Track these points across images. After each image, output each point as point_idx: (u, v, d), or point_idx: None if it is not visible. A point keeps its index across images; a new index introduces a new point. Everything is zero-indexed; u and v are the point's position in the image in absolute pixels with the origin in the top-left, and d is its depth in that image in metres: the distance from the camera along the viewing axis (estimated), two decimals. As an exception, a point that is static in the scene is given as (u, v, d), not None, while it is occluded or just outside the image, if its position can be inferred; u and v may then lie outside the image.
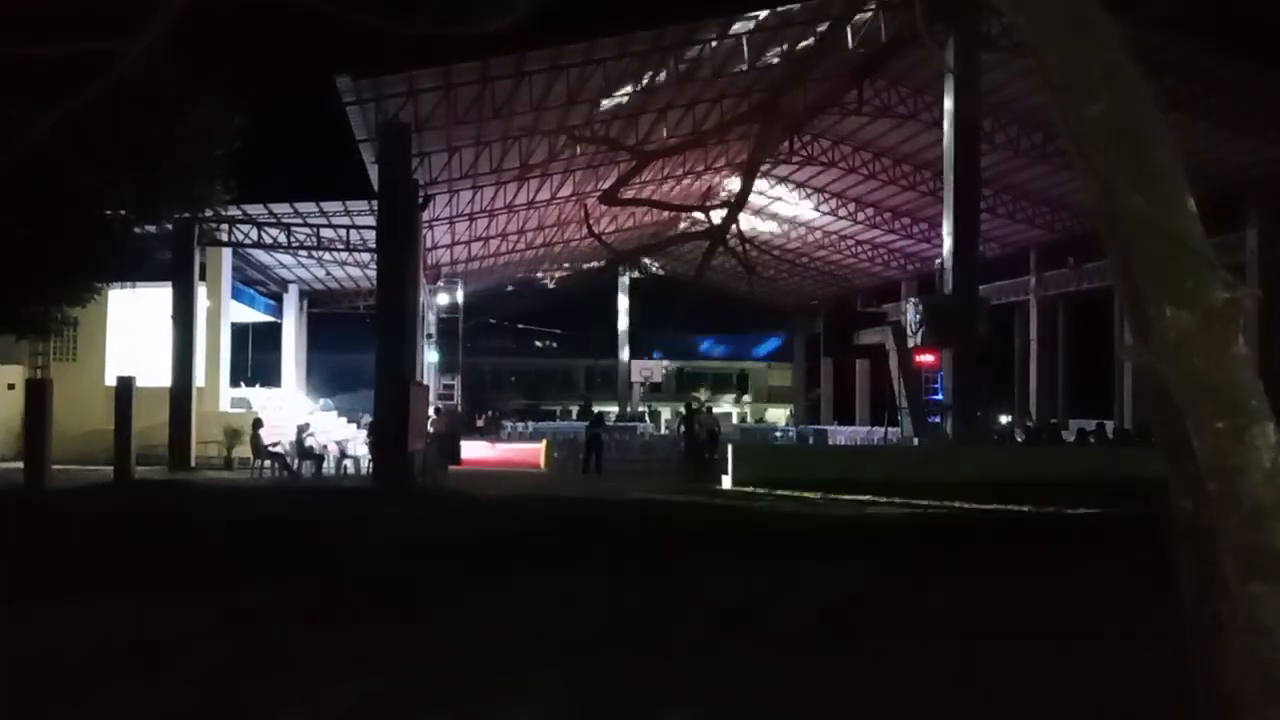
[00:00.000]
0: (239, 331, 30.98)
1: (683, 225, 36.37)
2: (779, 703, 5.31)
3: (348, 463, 23.45)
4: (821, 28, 21.41)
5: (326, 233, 27.14)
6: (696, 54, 21.92)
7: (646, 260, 46.61)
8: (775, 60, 22.84)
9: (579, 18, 18.52)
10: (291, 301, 36.85)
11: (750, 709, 5.21)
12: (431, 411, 25.18)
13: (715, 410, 35.64)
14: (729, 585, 8.63)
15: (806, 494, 16.58)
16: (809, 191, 36.46)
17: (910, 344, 23.42)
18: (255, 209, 25.85)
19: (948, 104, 22.48)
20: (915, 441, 23.67)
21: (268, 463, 21.68)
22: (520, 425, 44.40)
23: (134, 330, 26.42)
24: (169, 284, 23.85)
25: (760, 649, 6.36)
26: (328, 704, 5.20)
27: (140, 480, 19.58)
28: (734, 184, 33.13)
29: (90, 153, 9.41)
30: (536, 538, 12.06)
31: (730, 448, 21.34)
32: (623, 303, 51.31)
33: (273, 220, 26.65)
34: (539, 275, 45.83)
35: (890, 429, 27.97)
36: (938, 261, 27.00)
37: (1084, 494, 15.40)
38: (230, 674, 5.81)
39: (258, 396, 30.52)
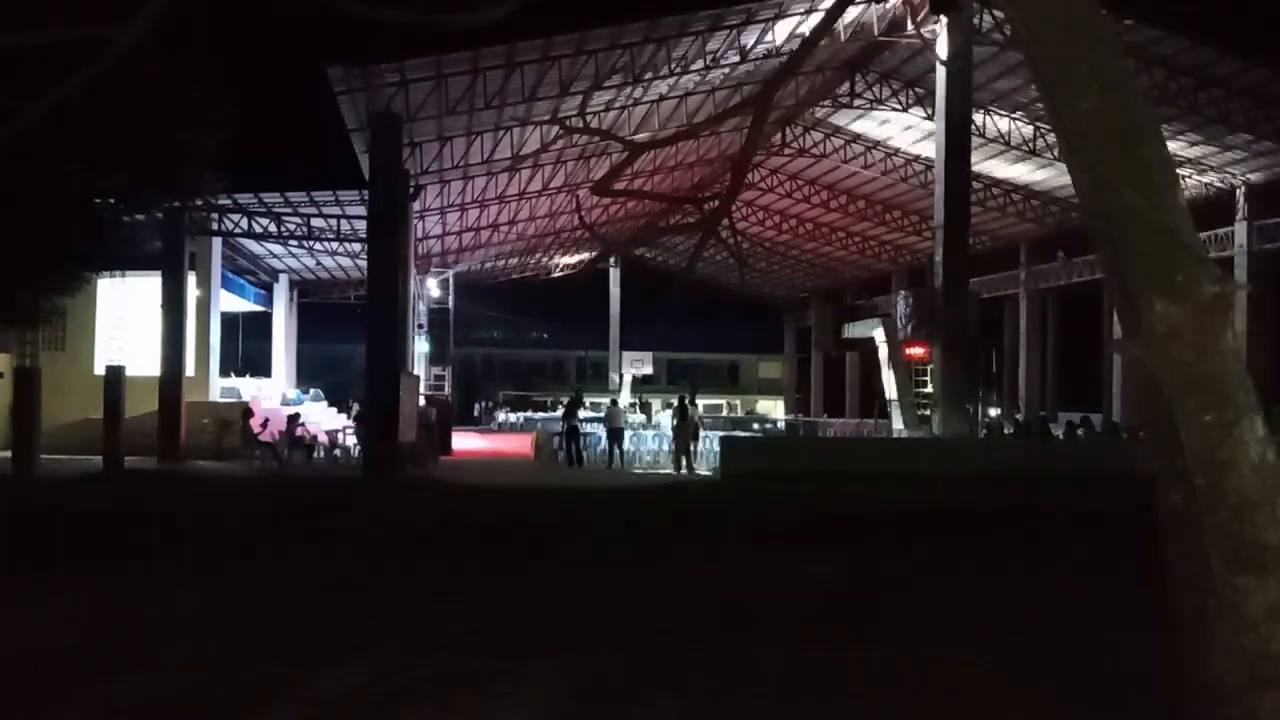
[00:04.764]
0: (229, 321, 30.85)
1: (675, 217, 36.34)
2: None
3: (338, 452, 23.43)
4: (814, 20, 21.39)
5: (317, 222, 27.03)
6: (689, 45, 21.86)
7: (638, 251, 46.57)
8: (767, 52, 22.81)
9: (571, 8, 18.51)
10: (282, 291, 36.74)
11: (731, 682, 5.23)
12: (422, 401, 25.17)
13: (704, 403, 35.62)
14: (712, 574, 8.66)
15: (793, 485, 16.60)
16: (801, 183, 36.49)
17: (900, 337, 23.46)
18: (245, 198, 25.72)
19: (940, 97, 22.49)
20: (904, 434, 23.70)
21: (257, 452, 21.65)
22: (512, 416, 44.44)
23: (123, 319, 26.31)
24: (159, 273, 23.74)
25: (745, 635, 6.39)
26: (318, 692, 5.20)
27: (130, 469, 19.54)
28: (726, 176, 33.10)
29: (80, 141, 9.38)
30: (525, 527, 12.07)
31: (719, 440, 21.37)
32: (614, 294, 51.33)
33: (263, 210, 26.53)
34: (530, 266, 45.77)
35: (879, 421, 28.00)
36: (928, 254, 27.06)
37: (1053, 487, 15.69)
38: (221, 661, 5.81)
39: (248, 386, 30.44)
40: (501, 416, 45.32)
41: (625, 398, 44.63)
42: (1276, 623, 2.49)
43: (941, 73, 22.06)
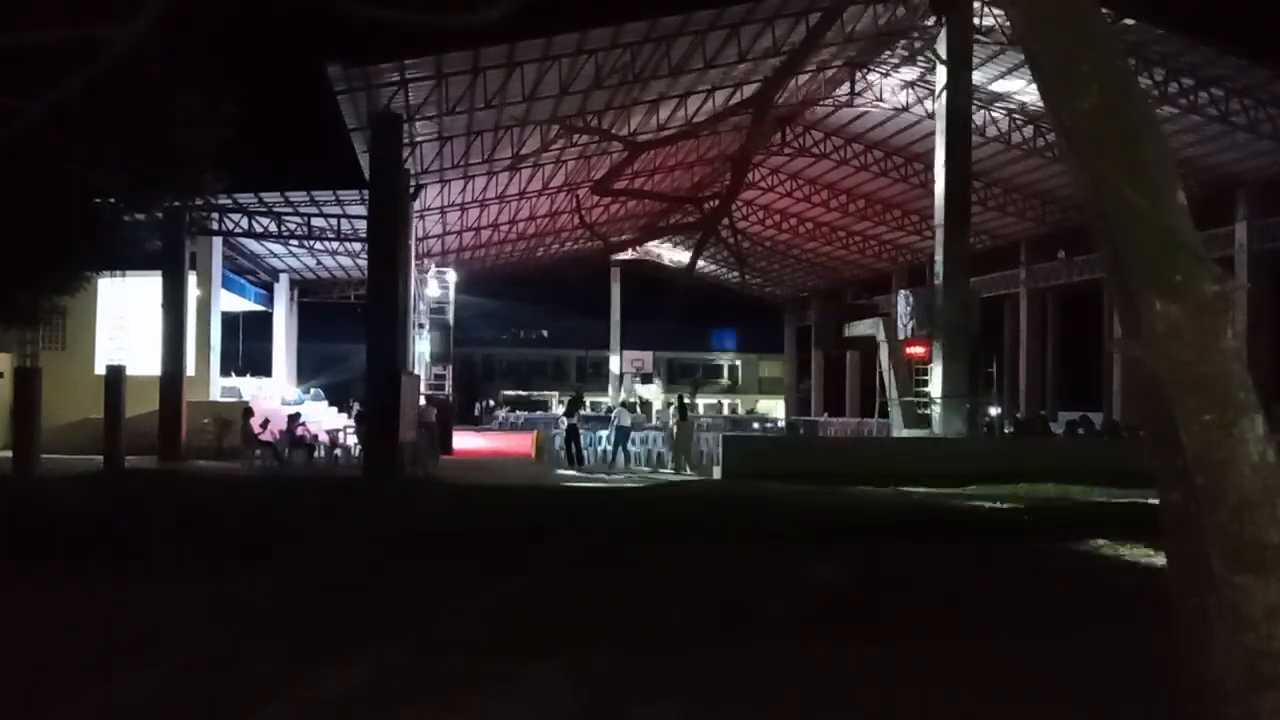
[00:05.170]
0: (229, 321, 30.89)
1: (675, 216, 36.32)
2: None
3: (338, 452, 23.43)
4: (814, 19, 21.40)
5: (317, 222, 27.05)
6: (689, 45, 21.87)
7: (638, 251, 46.59)
8: (767, 51, 22.81)
9: (571, 8, 18.50)
10: (282, 291, 36.76)
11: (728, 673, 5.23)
12: (422, 401, 25.18)
13: (704, 402, 35.59)
14: (712, 574, 8.65)
15: (794, 485, 16.61)
16: (801, 182, 36.49)
17: (901, 336, 23.46)
18: (246, 198, 25.75)
19: (940, 97, 22.49)
20: (903, 433, 23.71)
21: (258, 451, 21.64)
22: (512, 415, 44.51)
23: (124, 319, 26.34)
24: (159, 273, 23.76)
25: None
26: (318, 692, 5.20)
27: (130, 469, 19.53)
28: (726, 175, 33.08)
29: (80, 141, 9.37)
30: (525, 527, 12.06)
31: (720, 439, 21.36)
32: (614, 293, 51.35)
33: (264, 209, 26.56)
34: (531, 265, 45.80)
35: (880, 420, 28.01)
36: (929, 254, 27.08)
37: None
38: (221, 661, 5.81)
39: (248, 385, 30.47)
40: (501, 416, 45.39)
41: (621, 396, 44.67)
42: (1276, 622, 2.49)
43: (942, 72, 22.07)
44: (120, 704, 5.07)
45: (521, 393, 57.28)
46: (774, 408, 56.83)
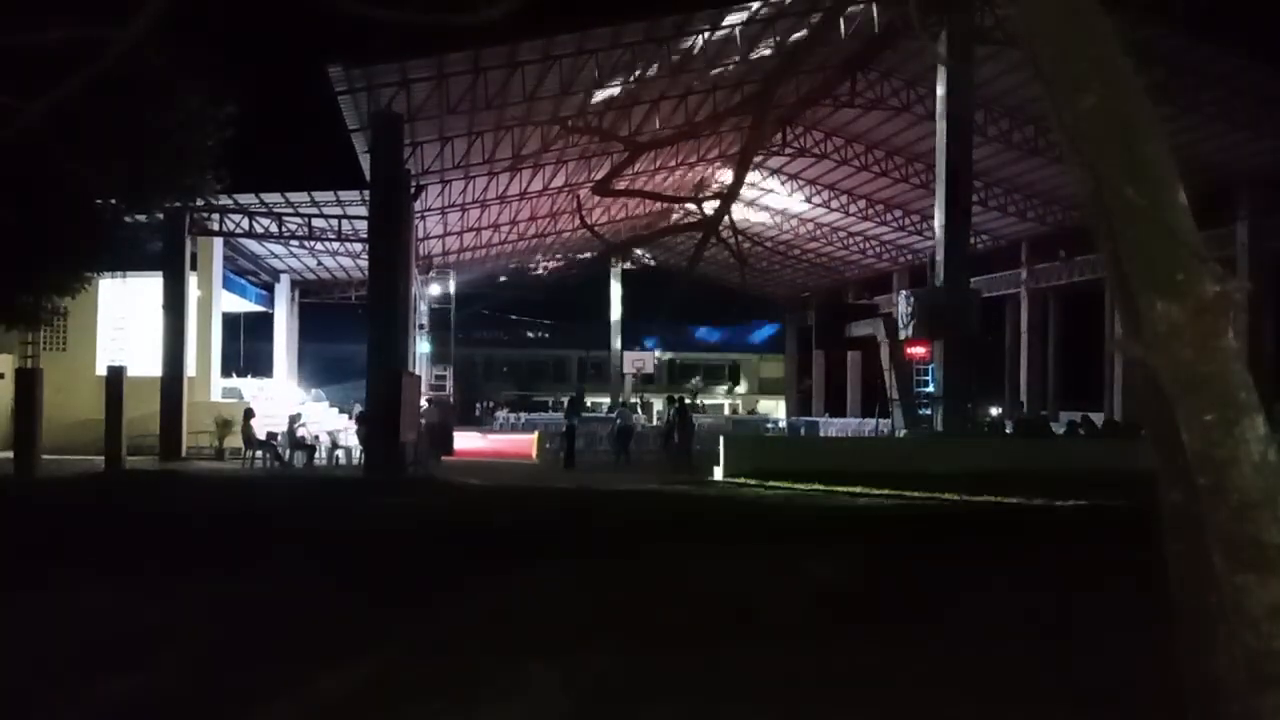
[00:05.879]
0: (230, 321, 30.89)
1: (675, 216, 36.34)
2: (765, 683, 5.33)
3: (339, 453, 23.43)
4: (814, 19, 21.39)
5: (318, 222, 27.04)
6: (689, 45, 21.88)
7: (639, 251, 46.59)
8: (768, 52, 22.81)
9: (572, 8, 18.51)
10: (283, 291, 36.76)
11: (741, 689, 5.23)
12: (423, 402, 25.18)
13: (707, 402, 35.63)
14: (714, 574, 8.65)
15: (796, 484, 16.60)
16: (801, 183, 36.48)
17: (902, 336, 23.46)
18: (247, 198, 25.74)
19: (940, 96, 22.48)
20: (902, 433, 23.71)
21: (259, 453, 21.66)
22: (513, 416, 44.50)
23: (125, 320, 26.36)
24: (160, 274, 23.76)
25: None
26: (318, 692, 5.20)
27: (131, 470, 19.54)
28: (727, 176, 33.11)
29: (80, 141, 9.38)
30: (526, 527, 12.06)
31: (722, 439, 21.36)
32: (615, 293, 51.38)
33: (264, 210, 26.55)
34: (531, 265, 45.82)
35: (881, 420, 28.03)
36: (929, 254, 27.06)
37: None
38: (223, 661, 5.81)
39: (249, 386, 30.47)
40: (502, 416, 45.40)
41: (628, 396, 44.65)
42: (1278, 621, 2.49)
43: (943, 71, 22.06)
44: (120, 703, 5.07)
45: (523, 393, 57.25)
46: (775, 408, 56.80)
